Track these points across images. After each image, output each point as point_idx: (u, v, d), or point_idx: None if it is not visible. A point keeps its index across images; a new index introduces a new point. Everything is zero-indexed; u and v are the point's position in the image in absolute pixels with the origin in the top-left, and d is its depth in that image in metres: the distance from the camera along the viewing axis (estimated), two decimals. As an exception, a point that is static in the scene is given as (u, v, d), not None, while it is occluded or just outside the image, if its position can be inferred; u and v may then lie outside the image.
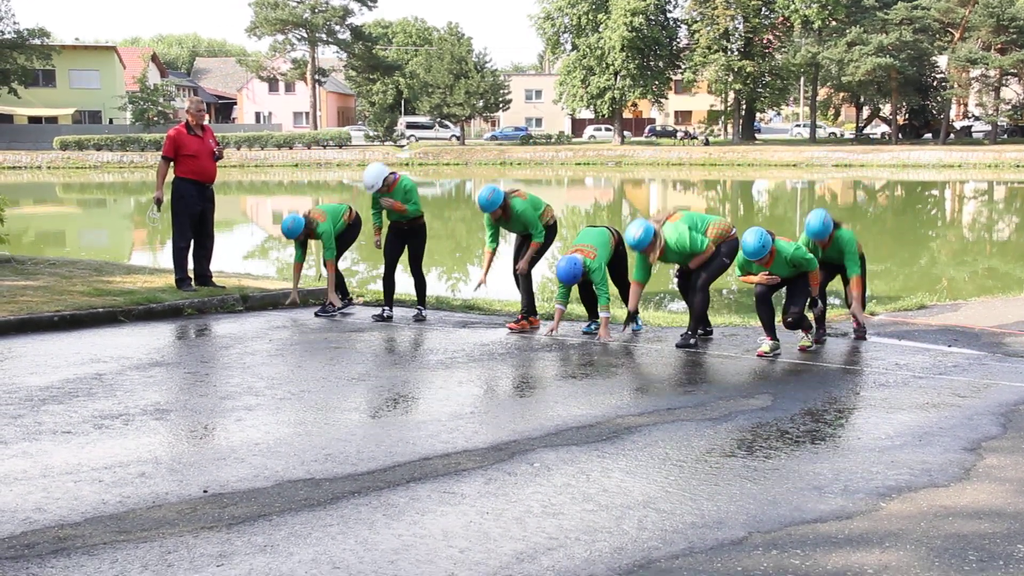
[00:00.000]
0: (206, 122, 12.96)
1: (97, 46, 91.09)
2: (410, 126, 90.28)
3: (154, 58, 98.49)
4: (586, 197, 51.58)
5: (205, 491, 5.76)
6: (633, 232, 10.12)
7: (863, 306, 10.72)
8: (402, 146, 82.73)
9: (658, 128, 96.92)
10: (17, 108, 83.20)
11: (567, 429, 7.15)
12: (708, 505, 5.66)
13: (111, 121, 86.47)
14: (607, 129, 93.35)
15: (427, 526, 5.32)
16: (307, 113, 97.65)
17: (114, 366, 8.98)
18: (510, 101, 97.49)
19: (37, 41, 79.94)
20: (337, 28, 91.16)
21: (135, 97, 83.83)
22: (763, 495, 5.82)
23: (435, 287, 10.67)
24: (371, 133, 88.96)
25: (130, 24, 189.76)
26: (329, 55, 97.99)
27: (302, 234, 11.77)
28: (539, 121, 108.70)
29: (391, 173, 11.76)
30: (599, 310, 10.65)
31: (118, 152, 72.03)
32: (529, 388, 8.59)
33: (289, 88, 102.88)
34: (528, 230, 11.25)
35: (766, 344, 9.88)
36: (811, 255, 9.96)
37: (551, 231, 11.49)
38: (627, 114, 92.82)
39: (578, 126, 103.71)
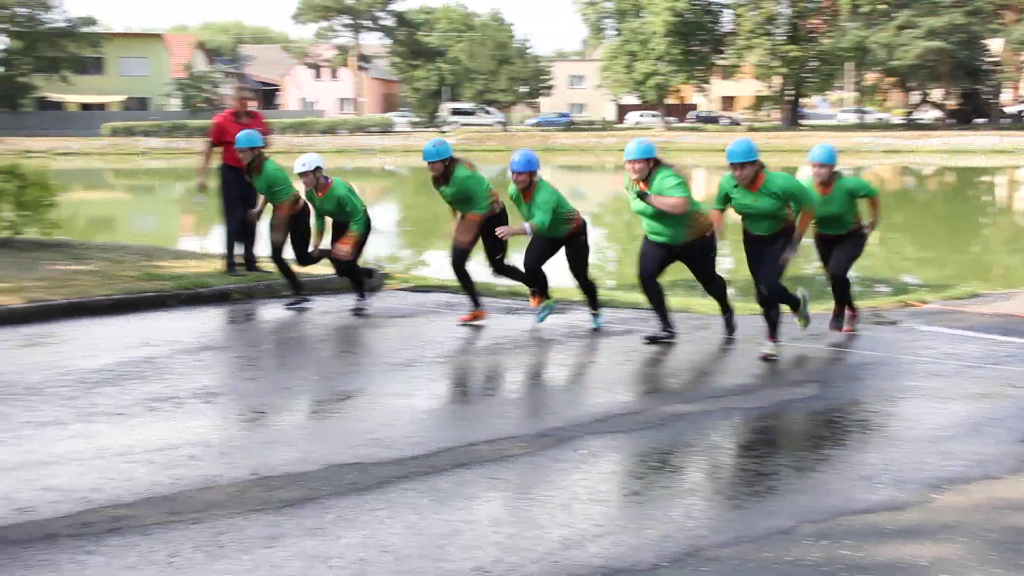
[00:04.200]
0: (255, 108, 12.99)
1: (145, 34, 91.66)
2: (454, 112, 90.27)
3: (200, 45, 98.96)
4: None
5: (254, 474, 5.83)
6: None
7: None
8: (445, 132, 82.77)
9: (702, 114, 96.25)
10: (67, 95, 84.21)
11: (612, 416, 7.15)
12: (756, 494, 5.66)
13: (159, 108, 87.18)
14: (652, 115, 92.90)
15: (474, 511, 5.35)
16: (351, 99, 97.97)
17: (164, 349, 9.08)
18: (553, 87, 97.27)
19: (86, 29, 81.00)
20: (380, 14, 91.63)
21: (182, 84, 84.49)
22: (812, 485, 5.81)
23: (480, 273, 10.59)
24: (415, 119, 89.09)
25: (177, 12, 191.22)
26: (373, 41, 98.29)
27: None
28: (582, 107, 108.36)
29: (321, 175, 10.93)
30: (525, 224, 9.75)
31: (165, 138, 72.46)
32: (575, 375, 8.61)
33: (333, 75, 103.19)
34: (469, 203, 10.33)
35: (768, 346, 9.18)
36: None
37: (498, 219, 10.36)
38: (671, 100, 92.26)
39: (621, 112, 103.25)
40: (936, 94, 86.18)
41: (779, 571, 4.61)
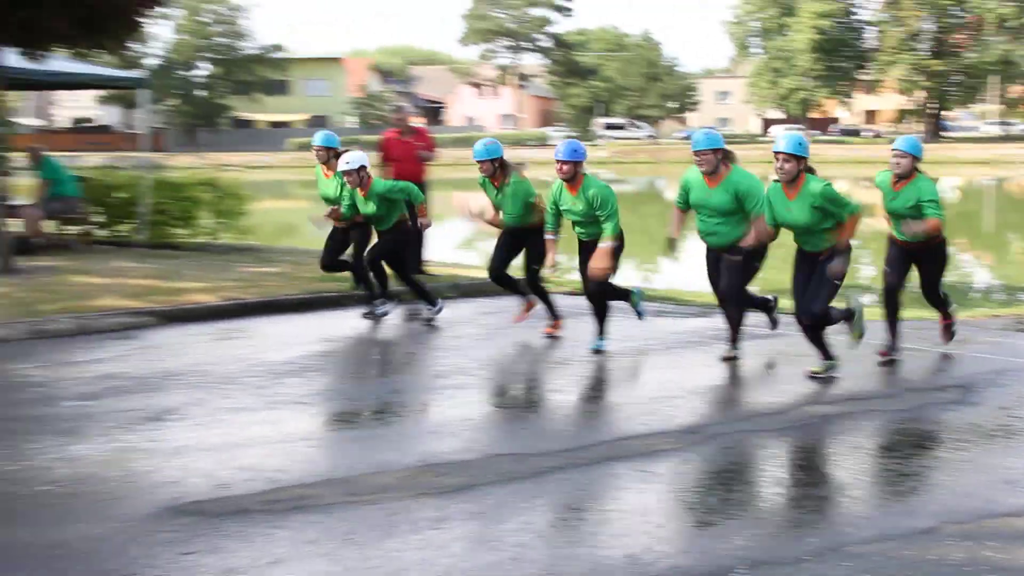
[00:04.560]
0: (416, 124, 13.06)
1: (326, 58, 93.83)
2: (606, 126, 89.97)
3: (375, 67, 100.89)
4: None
5: (422, 461, 5.90)
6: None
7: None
8: (597, 145, 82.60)
9: (845, 127, 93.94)
10: (258, 114, 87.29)
11: (757, 415, 7.03)
12: (899, 494, 5.50)
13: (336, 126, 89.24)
14: (796, 128, 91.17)
15: (626, 501, 5.32)
16: (511, 115, 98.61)
17: (341, 345, 9.29)
18: (700, 102, 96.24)
19: (275, 55, 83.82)
20: (539, 36, 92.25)
21: (359, 103, 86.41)
22: (954, 486, 5.59)
23: (633, 278, 10.49)
24: (570, 134, 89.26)
25: (355, 37, 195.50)
26: (532, 61, 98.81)
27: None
28: (727, 121, 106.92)
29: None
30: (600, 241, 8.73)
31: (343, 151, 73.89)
32: (721, 375, 8.48)
33: (495, 92, 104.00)
34: (519, 212, 9.57)
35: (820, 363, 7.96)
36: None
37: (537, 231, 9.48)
38: (814, 113, 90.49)
39: (765, 125, 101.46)
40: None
41: (922, 570, 4.44)
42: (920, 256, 8.47)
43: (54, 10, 14.85)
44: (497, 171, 9.59)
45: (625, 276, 10.48)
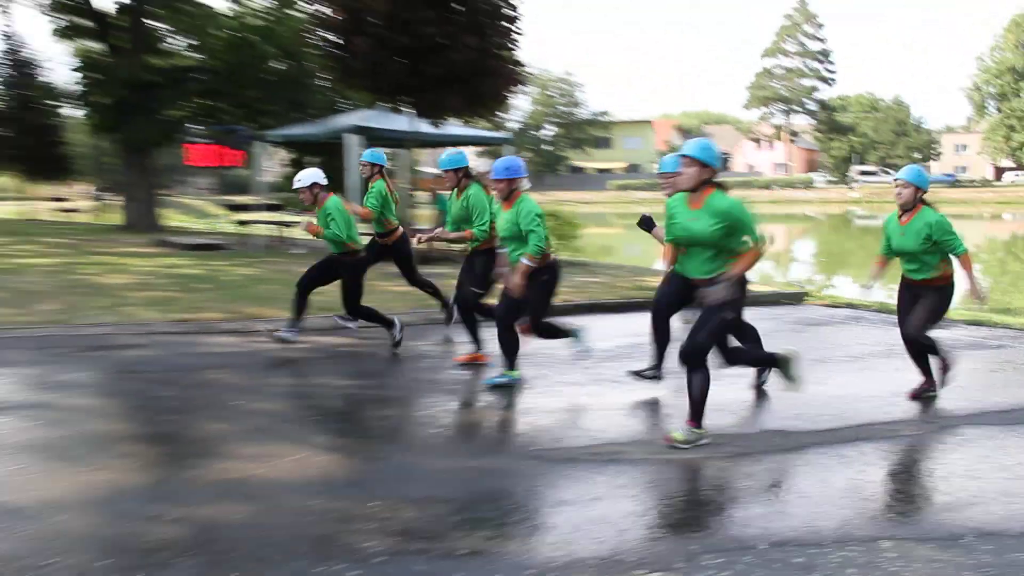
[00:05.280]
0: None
1: (640, 120, 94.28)
2: (860, 172, 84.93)
3: (678, 127, 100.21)
4: (1005, 228, 45.82)
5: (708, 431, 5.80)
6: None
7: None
8: (852, 188, 78.06)
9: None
10: (586, 163, 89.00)
11: (988, 412, 6.42)
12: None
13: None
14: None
15: (871, 475, 5.04)
16: (783, 164, 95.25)
17: (643, 340, 9.22)
18: (941, 153, 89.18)
19: (602, 119, 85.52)
20: (807, 101, 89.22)
21: (664, 154, 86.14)
22: None
23: (852, 290, 9.76)
24: (830, 178, 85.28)
25: (663, 102, 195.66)
26: (801, 121, 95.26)
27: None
28: (964, 168, 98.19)
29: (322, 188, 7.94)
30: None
31: (652, 192, 73.96)
32: (951, 377, 7.81)
33: (770, 145, 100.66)
34: (471, 219, 7.43)
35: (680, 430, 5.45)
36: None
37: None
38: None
39: (998, 173, 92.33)
40: None
41: None
42: (925, 293, 6.46)
43: (451, 93, 15.89)
44: (461, 181, 7.57)
45: (849, 290, 9.82)
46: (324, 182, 7.97)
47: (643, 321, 10.64)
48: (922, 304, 6.42)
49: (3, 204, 43.01)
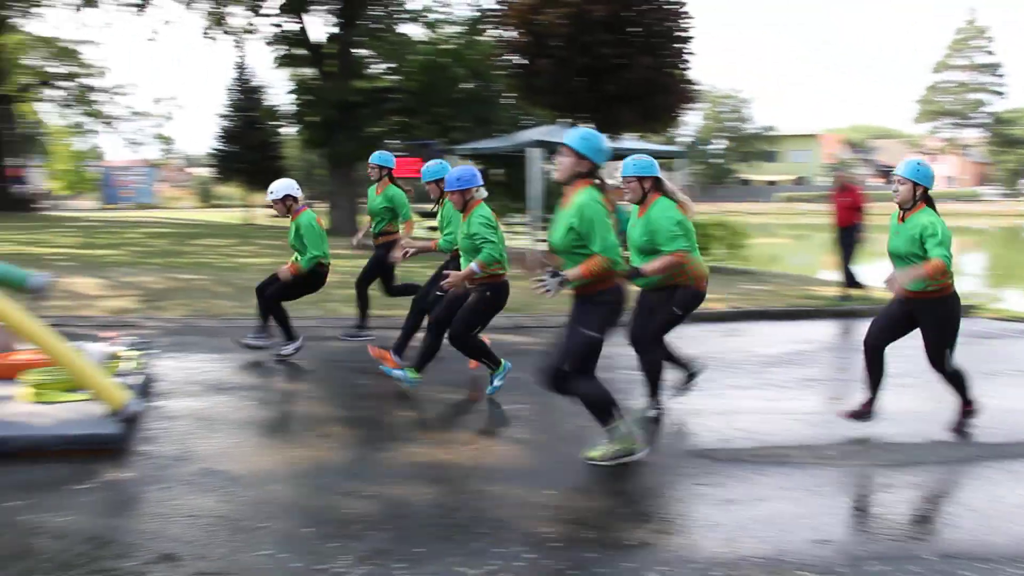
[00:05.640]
0: (851, 184, 12.20)
1: (806, 134, 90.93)
2: (1032, 185, 78.53)
3: (845, 140, 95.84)
4: None
5: (866, 438, 5.47)
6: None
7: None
8: (1021, 200, 72.05)
9: None
10: (754, 175, 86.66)
11: None
12: None
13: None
14: None
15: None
16: (954, 177, 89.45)
17: (809, 347, 8.92)
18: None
19: (769, 133, 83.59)
20: (976, 115, 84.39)
21: (830, 167, 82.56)
22: None
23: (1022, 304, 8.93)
24: (1005, 192, 79.40)
25: (831, 117, 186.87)
26: (971, 135, 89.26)
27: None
28: None
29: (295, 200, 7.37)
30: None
31: (816, 203, 71.01)
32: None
33: (940, 159, 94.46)
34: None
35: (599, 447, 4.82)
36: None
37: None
38: None
39: None
40: None
41: None
42: (919, 313, 5.42)
43: (627, 109, 16.01)
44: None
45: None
46: (298, 194, 7.35)
47: (809, 327, 10.37)
48: (923, 334, 5.46)
49: (229, 211, 46.53)
